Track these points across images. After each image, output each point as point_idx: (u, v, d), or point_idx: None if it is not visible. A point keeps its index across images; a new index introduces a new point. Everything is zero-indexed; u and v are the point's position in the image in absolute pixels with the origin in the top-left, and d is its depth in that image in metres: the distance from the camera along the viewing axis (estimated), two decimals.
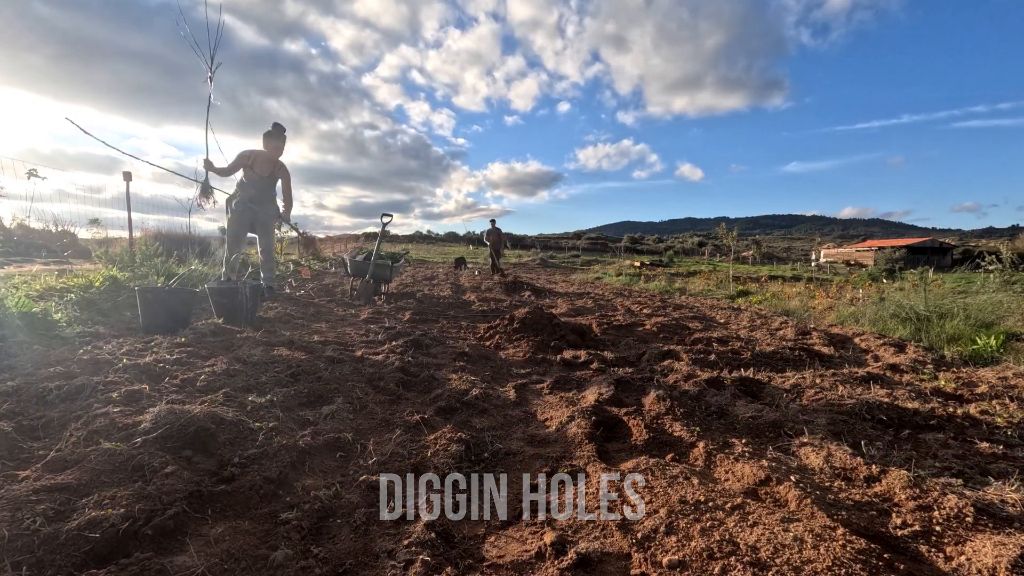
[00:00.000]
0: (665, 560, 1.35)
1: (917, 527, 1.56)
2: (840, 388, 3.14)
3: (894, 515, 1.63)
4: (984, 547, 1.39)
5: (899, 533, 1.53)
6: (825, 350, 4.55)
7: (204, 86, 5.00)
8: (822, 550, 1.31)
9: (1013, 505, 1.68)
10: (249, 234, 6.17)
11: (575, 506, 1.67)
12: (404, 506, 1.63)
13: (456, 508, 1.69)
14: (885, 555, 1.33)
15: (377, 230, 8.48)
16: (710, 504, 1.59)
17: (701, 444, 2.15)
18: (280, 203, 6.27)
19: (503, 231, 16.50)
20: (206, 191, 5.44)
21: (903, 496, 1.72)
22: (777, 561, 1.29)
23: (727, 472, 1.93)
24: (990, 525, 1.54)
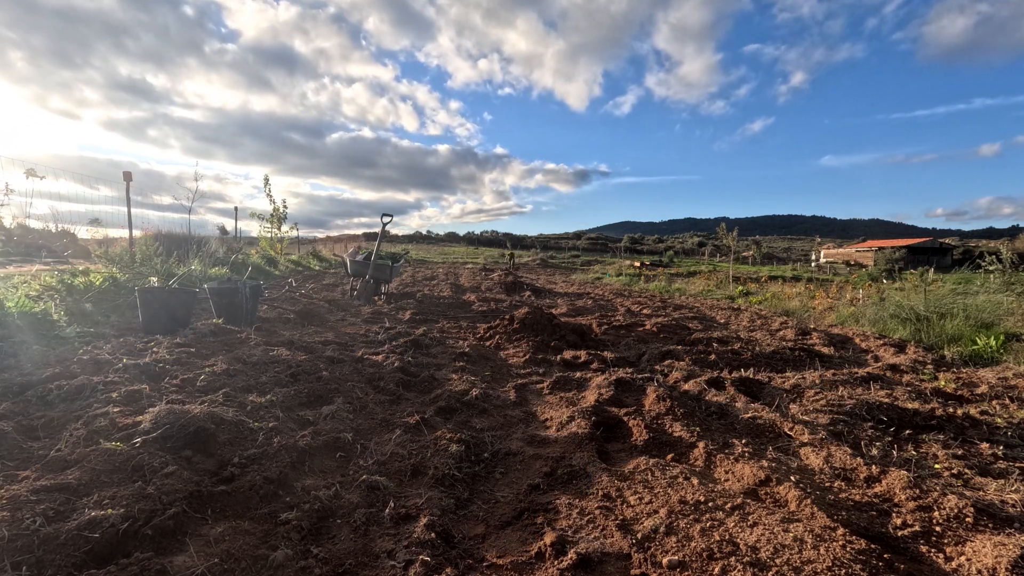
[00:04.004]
0: (665, 560, 1.35)
1: (917, 527, 1.56)
2: (840, 388, 3.14)
3: (894, 515, 1.63)
4: (984, 547, 1.39)
5: (899, 533, 1.53)
6: (825, 350, 4.55)
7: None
8: (822, 550, 1.31)
9: (1013, 505, 1.68)
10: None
11: (575, 506, 1.67)
12: (404, 505, 1.63)
13: (456, 508, 1.69)
14: (885, 555, 1.33)
15: (378, 229, 8.50)
16: (710, 504, 1.59)
17: (701, 444, 2.14)
18: None
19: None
20: None
21: (903, 496, 1.72)
22: (777, 561, 1.29)
23: (727, 472, 1.93)
24: (990, 525, 1.54)
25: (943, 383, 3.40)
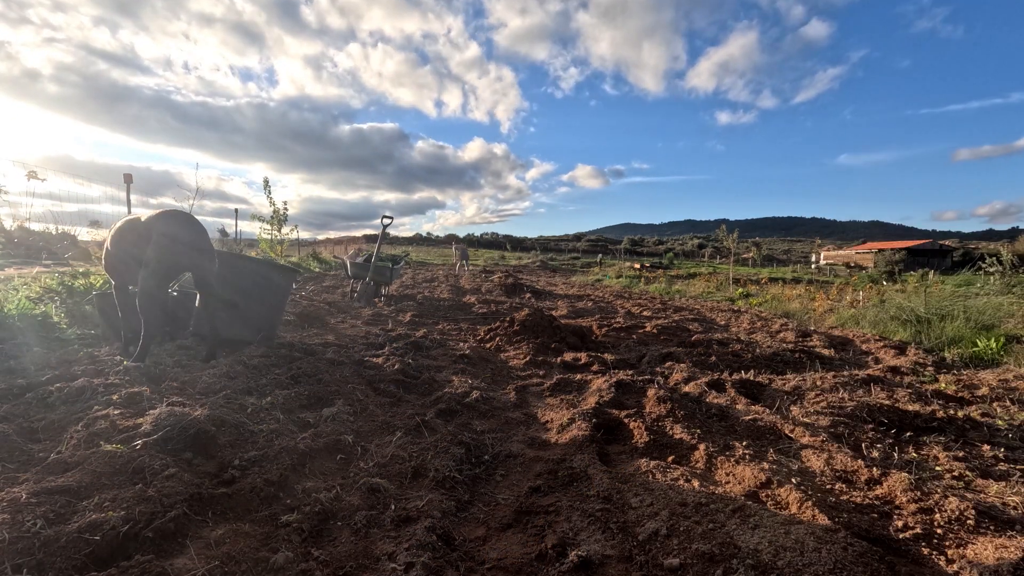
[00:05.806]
0: (666, 563, 1.35)
1: (919, 530, 1.55)
2: (841, 390, 3.14)
3: (896, 518, 1.63)
4: (986, 550, 1.39)
5: (901, 536, 1.53)
6: (826, 352, 4.55)
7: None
8: (824, 553, 1.31)
9: (1015, 508, 1.68)
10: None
11: (575, 508, 1.67)
12: (405, 507, 1.63)
13: (457, 510, 1.69)
14: (887, 558, 1.33)
15: (378, 232, 8.50)
16: (711, 507, 1.59)
17: (702, 447, 2.14)
18: None
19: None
20: None
21: (904, 499, 1.71)
22: (779, 564, 1.29)
23: (728, 475, 1.93)
24: (992, 528, 1.54)
25: (944, 385, 3.40)
